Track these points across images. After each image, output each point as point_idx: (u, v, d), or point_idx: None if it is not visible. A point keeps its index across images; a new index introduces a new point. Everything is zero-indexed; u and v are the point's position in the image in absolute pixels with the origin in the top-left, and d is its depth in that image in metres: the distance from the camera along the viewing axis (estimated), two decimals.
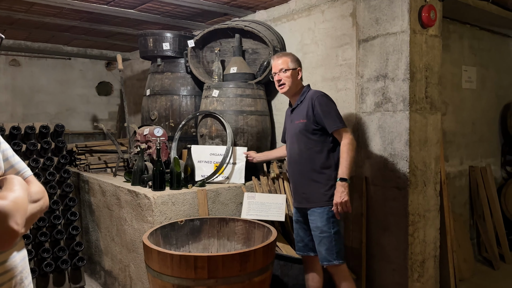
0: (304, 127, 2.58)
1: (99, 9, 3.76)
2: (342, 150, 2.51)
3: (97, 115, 6.35)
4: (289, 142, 2.72)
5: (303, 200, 2.63)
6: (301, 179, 2.63)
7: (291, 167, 2.72)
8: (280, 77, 2.65)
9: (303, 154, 2.60)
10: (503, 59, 4.81)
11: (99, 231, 3.65)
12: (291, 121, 2.70)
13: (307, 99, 2.61)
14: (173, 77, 4.04)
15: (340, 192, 2.44)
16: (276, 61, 2.68)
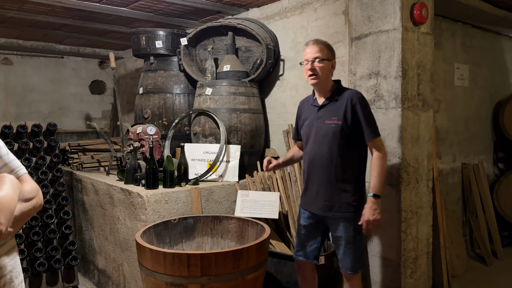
0: (340, 129, 2.31)
1: (91, 7, 3.74)
2: (376, 163, 2.31)
3: (91, 114, 6.32)
4: (314, 142, 2.40)
5: (324, 207, 2.40)
6: (327, 185, 2.37)
7: (315, 170, 2.41)
8: (314, 66, 2.33)
9: (335, 159, 2.34)
10: (495, 56, 4.84)
11: (93, 230, 3.64)
12: (318, 118, 2.39)
13: (344, 98, 2.34)
14: (166, 75, 4.03)
15: (373, 209, 2.25)
16: (311, 47, 2.36)
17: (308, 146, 2.46)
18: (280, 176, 3.25)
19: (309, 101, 2.52)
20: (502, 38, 4.92)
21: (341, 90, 2.40)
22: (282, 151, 3.60)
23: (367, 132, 2.32)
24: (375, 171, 2.31)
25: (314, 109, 2.43)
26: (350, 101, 2.32)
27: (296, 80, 3.52)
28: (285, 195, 3.19)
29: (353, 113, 2.30)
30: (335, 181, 2.35)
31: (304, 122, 2.50)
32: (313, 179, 2.44)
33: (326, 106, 2.38)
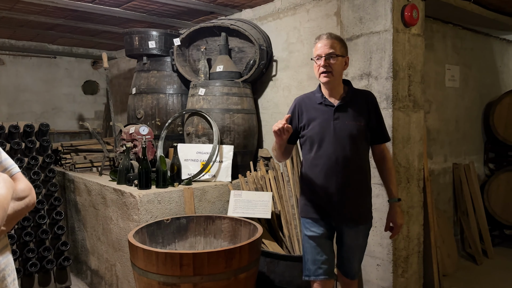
0: (364, 131, 2.20)
1: (84, 7, 3.73)
2: (390, 166, 2.30)
3: (83, 114, 6.30)
4: (335, 143, 2.16)
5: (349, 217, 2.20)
6: (351, 192, 2.19)
7: (337, 174, 2.16)
8: (328, 63, 2.13)
9: (362, 161, 2.22)
10: (485, 58, 4.90)
11: (85, 231, 3.63)
12: (337, 119, 2.18)
13: (362, 99, 2.24)
14: (159, 75, 4.04)
15: (401, 214, 2.28)
16: (324, 42, 2.16)
17: (322, 148, 2.19)
18: (273, 176, 3.27)
19: (314, 99, 2.28)
20: (492, 40, 4.98)
21: (355, 89, 2.30)
22: None
23: (383, 135, 2.29)
24: (392, 174, 2.29)
25: (327, 109, 2.21)
26: (370, 102, 2.25)
27: (289, 81, 3.54)
28: (277, 195, 3.21)
29: (372, 115, 2.23)
30: (359, 186, 2.22)
31: (311, 123, 2.23)
32: (333, 184, 2.17)
33: (344, 106, 2.20)
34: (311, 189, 2.26)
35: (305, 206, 2.29)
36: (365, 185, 2.26)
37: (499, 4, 3.89)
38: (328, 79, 2.16)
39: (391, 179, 2.29)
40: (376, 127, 2.25)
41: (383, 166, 2.31)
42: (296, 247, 3.03)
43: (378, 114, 2.26)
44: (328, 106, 2.22)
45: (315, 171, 2.23)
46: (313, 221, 2.26)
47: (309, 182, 2.27)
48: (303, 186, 2.34)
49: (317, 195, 2.24)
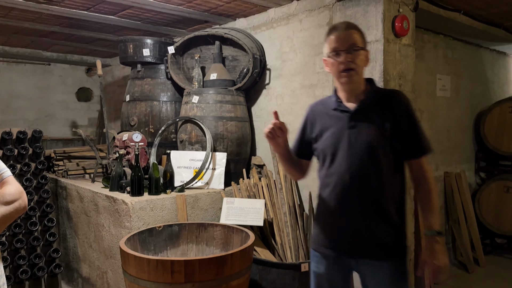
0: (388, 141, 1.73)
1: (79, 15, 3.76)
2: (428, 188, 1.75)
3: (77, 121, 6.29)
4: (348, 158, 1.75)
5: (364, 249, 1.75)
6: (369, 219, 1.74)
7: (347, 198, 1.76)
8: (350, 57, 1.71)
9: (382, 181, 1.73)
10: (476, 68, 4.97)
11: (77, 238, 3.61)
12: (352, 127, 1.76)
13: (386, 101, 1.79)
14: (153, 83, 4.06)
15: (443, 252, 1.70)
16: (341, 33, 1.74)
17: (334, 164, 1.79)
18: (265, 184, 3.29)
19: (327, 105, 1.89)
20: (483, 51, 5.07)
21: (378, 90, 1.84)
22: (268, 159, 3.64)
23: (418, 146, 1.76)
24: (430, 199, 1.75)
25: (342, 116, 1.80)
26: (398, 104, 1.76)
27: (282, 89, 3.57)
28: (270, 202, 3.23)
29: (403, 120, 1.74)
30: (379, 209, 1.74)
31: (324, 133, 1.84)
32: (346, 209, 1.77)
33: (363, 112, 1.77)
34: (322, 215, 1.88)
35: (315, 236, 1.91)
36: (390, 210, 1.74)
37: (488, 16, 3.96)
38: (352, 79, 1.74)
39: (428, 205, 1.75)
40: (408, 137, 1.74)
41: (419, 187, 1.78)
42: (288, 254, 3.03)
43: (410, 120, 1.75)
44: (344, 112, 1.80)
45: (326, 192, 1.83)
46: (322, 256, 1.86)
47: (321, 206, 1.89)
48: (317, 210, 1.94)
49: (327, 222, 1.84)
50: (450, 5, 3.57)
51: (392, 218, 1.75)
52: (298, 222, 3.16)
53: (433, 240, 1.71)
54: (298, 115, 3.43)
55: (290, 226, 3.08)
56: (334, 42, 1.75)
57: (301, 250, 3.04)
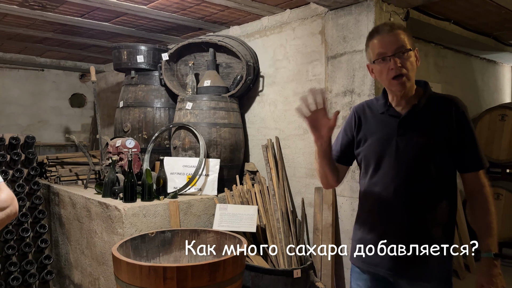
0: (441, 152, 1.59)
1: (73, 21, 3.77)
2: (486, 206, 1.59)
3: (70, 127, 6.28)
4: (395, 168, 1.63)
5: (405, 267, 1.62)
6: (413, 233, 1.61)
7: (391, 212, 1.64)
8: (399, 62, 1.56)
9: (431, 195, 1.61)
10: (466, 76, 5.04)
11: (69, 244, 3.60)
12: (402, 135, 1.63)
13: (441, 106, 1.62)
14: (147, 89, 4.07)
15: (500, 276, 1.57)
16: (385, 36, 1.60)
17: (379, 173, 1.66)
18: (258, 190, 3.30)
19: (374, 107, 1.76)
20: (473, 59, 5.14)
21: (432, 95, 1.67)
22: (261, 165, 3.66)
23: (474, 160, 1.60)
24: (490, 218, 1.58)
25: (391, 121, 1.66)
26: (455, 113, 1.59)
27: (275, 96, 3.60)
28: (263, 208, 3.24)
29: (459, 130, 1.58)
30: (428, 230, 1.60)
31: (368, 138, 1.71)
32: (387, 223, 1.65)
33: (414, 117, 1.62)
34: (362, 226, 1.75)
35: (354, 249, 1.78)
36: (438, 228, 1.61)
37: (478, 25, 4.03)
38: (404, 86, 1.60)
39: (485, 224, 1.59)
40: (463, 148, 1.59)
41: (474, 203, 1.63)
42: (281, 261, 3.04)
43: (467, 130, 1.59)
44: (393, 116, 1.66)
45: (368, 203, 1.72)
46: (361, 271, 1.76)
47: (361, 216, 1.78)
48: (356, 220, 1.82)
49: (368, 236, 1.71)
50: (441, 14, 3.63)
51: (440, 236, 1.61)
52: (291, 228, 3.18)
53: (491, 264, 1.57)
54: (291, 121, 3.47)
55: (282, 232, 3.10)
56: (379, 47, 1.59)
57: (293, 256, 3.05)
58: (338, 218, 3.13)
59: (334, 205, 3.13)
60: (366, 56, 1.73)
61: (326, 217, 3.13)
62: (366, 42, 1.68)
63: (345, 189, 3.08)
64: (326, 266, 3.09)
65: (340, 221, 3.12)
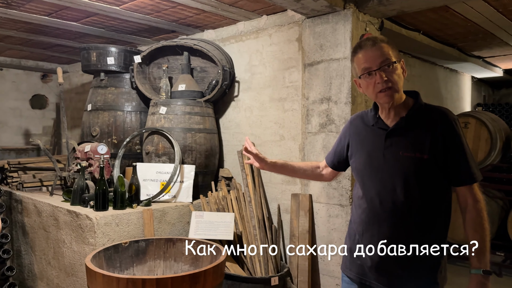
0: (426, 167, 1.56)
1: (40, 20, 3.59)
2: (480, 221, 1.56)
3: (30, 129, 5.98)
4: (381, 181, 1.63)
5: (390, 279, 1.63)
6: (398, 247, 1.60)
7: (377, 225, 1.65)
8: (385, 76, 1.56)
9: (416, 210, 1.59)
10: (432, 85, 5.24)
11: (33, 254, 3.41)
12: (388, 147, 1.63)
13: (429, 118, 1.60)
14: (117, 92, 3.94)
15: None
16: (370, 50, 1.60)
17: (366, 186, 1.69)
18: (234, 197, 3.27)
19: (366, 119, 1.75)
20: (438, 68, 5.35)
21: (422, 106, 1.64)
22: (236, 171, 3.63)
23: (464, 173, 1.57)
24: (483, 234, 1.55)
25: (379, 133, 1.67)
26: (443, 124, 1.57)
27: (251, 102, 3.58)
28: (239, 215, 3.21)
29: (447, 143, 1.55)
30: (414, 241, 1.59)
31: (359, 150, 1.74)
32: (373, 235, 1.65)
33: (402, 130, 1.62)
34: (352, 237, 1.77)
35: (345, 258, 1.81)
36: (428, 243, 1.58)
37: (444, 36, 4.20)
38: (391, 99, 1.59)
39: (473, 239, 1.55)
40: (454, 162, 1.56)
41: (467, 217, 1.59)
42: (258, 268, 3.02)
43: (456, 143, 1.56)
44: (381, 129, 1.66)
45: (357, 214, 1.75)
46: (350, 280, 1.78)
47: (351, 227, 1.81)
48: (348, 229, 1.86)
49: (357, 245, 1.72)
50: (411, 25, 3.75)
51: (427, 253, 1.57)
52: (267, 235, 3.16)
53: (479, 281, 1.53)
54: (267, 127, 3.46)
55: (259, 240, 3.08)
56: (363, 61, 1.60)
57: (270, 263, 3.04)
58: (314, 225, 3.15)
59: (311, 212, 3.14)
60: (352, 71, 1.75)
61: (303, 224, 3.14)
62: (351, 58, 1.70)
63: (321, 196, 3.10)
64: (302, 273, 3.10)
65: (317, 227, 3.13)
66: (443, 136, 1.56)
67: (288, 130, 3.33)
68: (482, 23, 3.69)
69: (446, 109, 1.64)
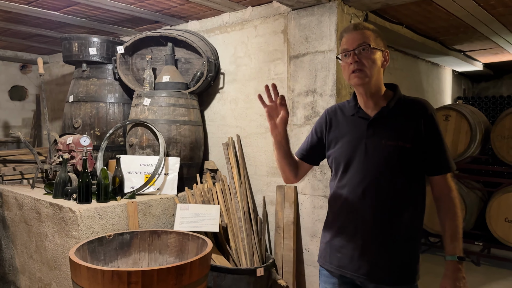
0: (409, 156, 1.59)
1: (19, 8, 3.49)
2: (453, 209, 1.61)
3: (10, 121, 5.84)
4: (363, 171, 1.64)
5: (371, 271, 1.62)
6: (381, 238, 1.61)
7: (360, 213, 1.64)
8: (359, 57, 1.60)
9: (397, 198, 1.61)
10: (414, 78, 5.31)
11: (14, 248, 3.35)
12: (370, 136, 1.64)
13: (411, 110, 1.64)
14: (100, 83, 3.87)
15: (464, 280, 1.58)
16: (352, 34, 1.64)
17: (347, 175, 1.68)
18: (220, 189, 3.26)
19: (345, 110, 1.78)
20: (419, 62, 5.42)
21: (401, 97, 1.68)
22: (221, 163, 3.62)
23: (441, 163, 1.62)
24: (456, 222, 1.60)
25: (360, 123, 1.68)
26: (423, 115, 1.61)
27: (236, 94, 3.57)
28: (224, 207, 3.21)
29: (427, 133, 1.60)
30: (403, 232, 1.61)
31: (339, 140, 1.72)
32: (355, 225, 1.65)
33: (383, 120, 1.64)
34: (330, 229, 1.76)
35: (323, 251, 1.79)
36: (407, 232, 1.62)
37: (427, 30, 4.25)
38: (361, 81, 1.60)
39: (451, 228, 1.60)
40: (431, 151, 1.61)
41: (441, 206, 1.64)
42: (243, 260, 3.04)
43: (434, 133, 1.61)
44: (362, 118, 1.68)
45: (336, 205, 1.73)
46: (329, 273, 1.76)
47: (330, 219, 1.78)
48: (325, 222, 1.83)
49: (336, 238, 1.71)
50: (395, 18, 3.78)
51: (408, 240, 1.62)
52: (253, 227, 3.18)
53: (455, 267, 1.57)
54: (253, 120, 3.45)
55: (245, 231, 3.09)
56: (344, 43, 1.65)
57: (255, 255, 3.06)
58: (299, 216, 3.17)
59: (296, 203, 3.17)
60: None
61: (288, 215, 3.16)
62: (339, 41, 1.73)
63: (306, 187, 3.13)
64: (287, 264, 3.13)
65: (301, 219, 3.16)
66: (422, 127, 1.60)
67: None
68: (464, 17, 3.74)
69: (425, 100, 1.68)
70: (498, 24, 4.01)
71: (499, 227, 4.64)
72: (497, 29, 4.19)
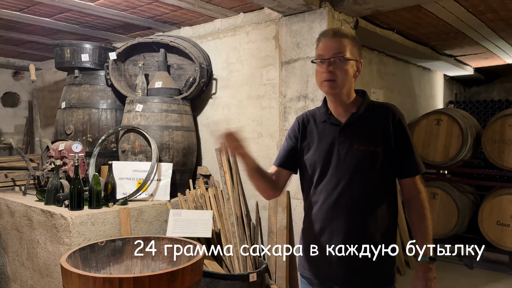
0: (379, 160, 1.62)
1: (11, 15, 3.49)
2: (422, 211, 1.62)
3: (2, 128, 5.81)
4: (337, 176, 1.65)
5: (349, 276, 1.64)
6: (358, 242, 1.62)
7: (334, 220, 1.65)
8: (333, 68, 1.60)
9: (373, 203, 1.63)
10: (405, 83, 5.35)
11: (6, 256, 3.33)
12: (342, 142, 1.65)
13: (379, 114, 1.67)
14: (92, 89, 3.87)
15: (435, 280, 1.60)
16: (329, 41, 1.63)
17: (322, 182, 1.68)
18: (212, 194, 3.27)
19: (317, 116, 1.77)
20: (411, 67, 5.47)
21: (371, 103, 1.71)
22: (214, 168, 3.62)
23: (410, 166, 1.65)
24: (426, 223, 1.62)
25: (332, 129, 1.69)
26: (392, 120, 1.64)
27: (229, 99, 3.59)
28: (217, 213, 3.21)
29: (396, 136, 1.63)
30: (371, 236, 1.63)
31: (312, 146, 1.73)
32: (330, 231, 1.65)
33: (354, 125, 1.66)
34: (308, 236, 1.75)
35: (301, 259, 1.79)
36: (383, 236, 1.64)
37: (417, 35, 4.30)
38: (332, 90, 1.62)
39: (421, 229, 1.62)
40: (400, 155, 1.64)
41: (411, 208, 1.66)
42: (236, 265, 3.03)
43: (403, 136, 1.64)
44: (334, 125, 1.69)
45: (312, 212, 1.72)
46: (308, 281, 1.77)
47: (306, 226, 1.77)
48: (302, 229, 1.82)
49: (313, 245, 1.71)
50: (386, 24, 3.82)
51: (383, 241, 1.63)
52: (246, 232, 3.18)
53: (426, 267, 1.60)
54: (245, 125, 3.47)
55: (237, 237, 3.09)
56: (320, 48, 1.65)
57: (248, 260, 3.05)
58: (292, 221, 3.18)
59: (289, 208, 3.18)
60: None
61: (281, 220, 3.16)
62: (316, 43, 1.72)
63: (299, 192, 3.13)
64: (280, 269, 3.13)
65: (294, 223, 3.17)
66: (391, 131, 1.63)
67: (266, 128, 3.35)
68: (453, 22, 3.79)
69: (393, 105, 1.72)
70: (487, 30, 4.07)
71: (491, 230, 4.67)
72: (486, 34, 4.25)
